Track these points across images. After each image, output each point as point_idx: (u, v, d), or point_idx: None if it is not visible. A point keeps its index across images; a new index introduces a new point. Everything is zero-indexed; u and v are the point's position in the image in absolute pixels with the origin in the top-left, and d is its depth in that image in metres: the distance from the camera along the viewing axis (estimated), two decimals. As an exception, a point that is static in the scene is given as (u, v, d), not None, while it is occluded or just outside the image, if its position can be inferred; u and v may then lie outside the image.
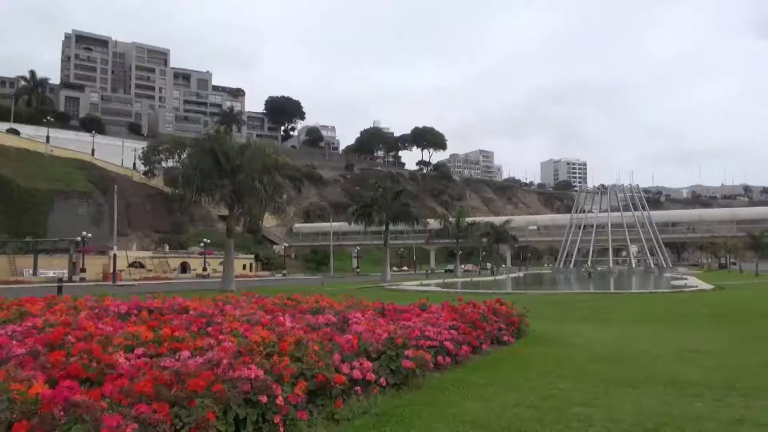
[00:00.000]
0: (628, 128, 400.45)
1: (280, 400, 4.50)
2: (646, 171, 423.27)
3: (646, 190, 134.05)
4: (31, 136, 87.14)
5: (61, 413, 3.43)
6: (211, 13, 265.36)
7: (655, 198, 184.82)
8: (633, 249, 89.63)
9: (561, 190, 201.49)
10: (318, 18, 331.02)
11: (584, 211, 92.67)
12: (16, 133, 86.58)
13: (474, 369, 7.38)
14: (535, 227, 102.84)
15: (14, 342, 5.56)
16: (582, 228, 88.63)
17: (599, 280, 48.68)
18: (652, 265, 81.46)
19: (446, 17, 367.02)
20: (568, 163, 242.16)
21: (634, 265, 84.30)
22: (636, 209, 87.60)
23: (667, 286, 33.86)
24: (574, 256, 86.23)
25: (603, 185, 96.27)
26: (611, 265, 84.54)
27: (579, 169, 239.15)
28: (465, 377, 6.80)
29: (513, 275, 62.55)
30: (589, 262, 78.33)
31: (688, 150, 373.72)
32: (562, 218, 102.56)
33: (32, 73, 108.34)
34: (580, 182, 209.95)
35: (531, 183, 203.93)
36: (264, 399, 4.40)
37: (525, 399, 5.77)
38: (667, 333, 11.65)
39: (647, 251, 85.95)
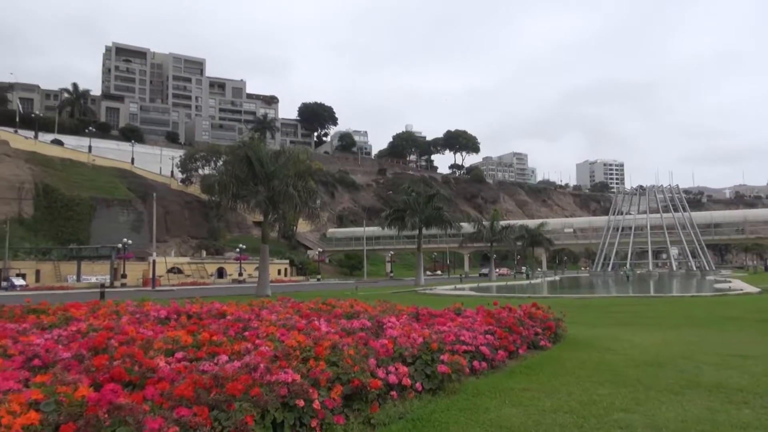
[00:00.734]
0: (665, 128, 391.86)
1: (316, 404, 4.53)
2: (686, 171, 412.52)
3: (686, 191, 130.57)
4: (74, 146, 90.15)
5: (106, 415, 3.51)
6: (244, 23, 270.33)
7: (696, 199, 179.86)
8: (673, 251, 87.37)
9: (597, 191, 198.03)
10: (349, 24, 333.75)
11: (622, 213, 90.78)
12: (60, 143, 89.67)
13: (510, 374, 7.29)
14: (571, 230, 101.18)
15: (60, 346, 5.73)
16: (620, 230, 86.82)
17: (638, 284, 47.58)
18: (694, 268, 79.23)
19: (477, 19, 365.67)
20: (604, 164, 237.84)
21: (674, 268, 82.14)
22: (676, 210, 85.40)
23: (710, 290, 32.82)
24: (612, 259, 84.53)
25: (641, 186, 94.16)
26: (651, 267, 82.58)
27: (616, 170, 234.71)
28: (501, 382, 6.72)
29: (549, 279, 61.65)
30: (627, 265, 76.61)
31: (731, 149, 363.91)
32: (599, 220, 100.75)
33: (75, 85, 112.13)
34: (617, 183, 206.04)
35: (566, 185, 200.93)
36: (301, 403, 4.43)
37: (563, 404, 5.67)
38: (711, 337, 11.29)
39: (688, 253, 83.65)
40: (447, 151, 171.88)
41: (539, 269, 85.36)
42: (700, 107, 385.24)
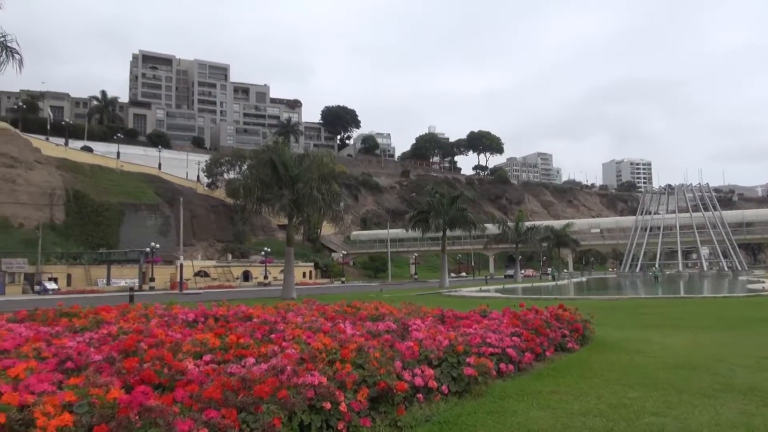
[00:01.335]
0: (693, 125, 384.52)
1: (343, 407, 4.54)
2: (716, 169, 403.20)
3: (716, 189, 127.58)
4: (103, 152, 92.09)
5: (137, 417, 3.57)
6: (267, 28, 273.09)
7: (727, 197, 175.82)
8: (704, 251, 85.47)
9: (624, 191, 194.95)
10: (370, 27, 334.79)
11: (650, 213, 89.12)
12: (90, 150, 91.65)
13: (538, 377, 7.22)
14: (598, 230, 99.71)
15: (92, 349, 5.84)
16: (648, 230, 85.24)
17: (668, 284, 46.70)
18: (726, 268, 77.36)
19: (499, 19, 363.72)
20: (631, 164, 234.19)
21: (705, 268, 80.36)
22: (706, 209, 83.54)
23: (742, 290, 32.03)
24: (640, 260, 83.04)
25: (669, 185, 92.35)
26: (681, 268, 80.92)
27: (643, 169, 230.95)
28: (529, 385, 6.65)
29: (575, 280, 60.86)
30: (656, 266, 75.22)
31: (763, 145, 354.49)
32: (627, 220, 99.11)
33: (103, 93, 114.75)
34: (644, 183, 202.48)
35: (592, 185, 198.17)
36: (328, 405, 4.44)
37: (593, 408, 5.58)
38: (744, 339, 11.02)
39: (719, 253, 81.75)
40: (470, 153, 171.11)
41: (565, 270, 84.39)
42: (731, 103, 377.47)
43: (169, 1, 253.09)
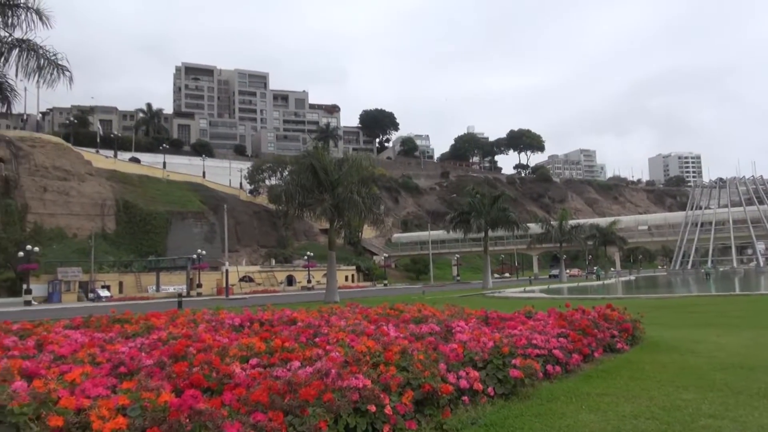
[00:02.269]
0: (744, 115, 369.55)
1: (388, 410, 4.53)
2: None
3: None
4: (150, 163, 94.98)
5: (187, 420, 3.66)
6: (304, 35, 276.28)
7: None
8: (760, 246, 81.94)
9: (673, 186, 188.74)
10: (406, 28, 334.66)
11: (701, 208, 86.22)
12: (137, 161, 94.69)
13: (586, 378, 7.05)
14: (646, 227, 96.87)
15: (143, 354, 6.03)
16: (699, 226, 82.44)
17: (721, 281, 45.00)
18: (783, 264, 74.12)
19: (536, 15, 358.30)
20: (679, 158, 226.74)
21: (762, 264, 77.09)
22: (761, 203, 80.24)
23: (802, 286, 30.60)
24: (691, 257, 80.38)
25: (721, 179, 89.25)
26: (735, 264, 77.90)
27: (692, 162, 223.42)
28: (577, 387, 6.50)
29: (623, 279, 59.32)
30: (709, 263, 72.62)
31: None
32: (676, 216, 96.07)
33: (149, 105, 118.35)
34: (694, 177, 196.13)
35: (639, 180, 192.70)
36: (373, 408, 4.45)
37: (645, 410, 5.41)
38: (806, 338, 10.51)
39: (776, 248, 78.38)
40: (511, 151, 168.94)
41: (612, 269, 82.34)
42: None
43: (209, 13, 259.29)
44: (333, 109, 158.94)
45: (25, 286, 44.83)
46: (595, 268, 76.70)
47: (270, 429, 3.79)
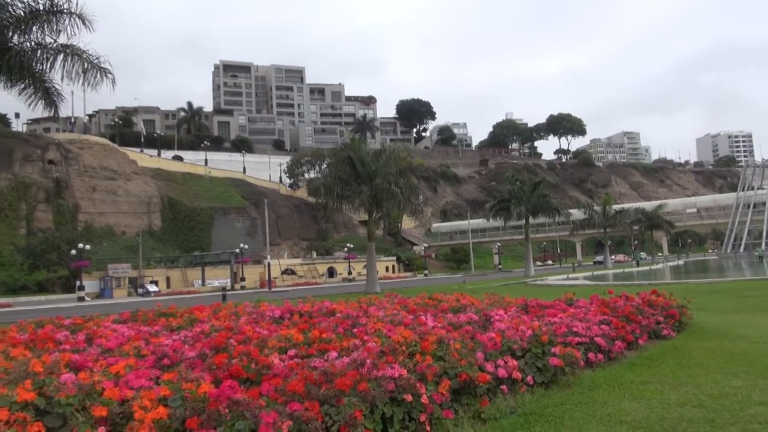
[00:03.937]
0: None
1: (424, 399, 4.53)
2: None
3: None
4: (192, 160, 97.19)
5: (226, 410, 3.74)
6: (339, 28, 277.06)
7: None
8: (817, 227, 78.29)
9: (723, 166, 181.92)
10: (440, 16, 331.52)
11: (753, 188, 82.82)
12: (180, 159, 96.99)
13: (630, 366, 6.88)
14: (694, 210, 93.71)
15: (186, 346, 6.19)
16: (752, 207, 79.23)
17: (776, 265, 43.19)
18: (844, 244, 70.57)
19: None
20: (729, 137, 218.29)
21: (819, 245, 73.63)
22: (818, 181, 76.57)
23: None
24: (743, 239, 77.34)
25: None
26: (790, 246, 74.58)
27: (743, 141, 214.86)
28: (620, 375, 6.36)
29: (671, 263, 57.66)
30: (762, 245, 69.82)
31: None
32: (726, 198, 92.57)
33: (189, 104, 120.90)
34: (745, 156, 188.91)
35: (686, 162, 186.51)
36: (409, 398, 4.45)
37: (691, 398, 5.25)
38: None
39: (836, 228, 74.65)
40: (551, 137, 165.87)
41: (659, 254, 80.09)
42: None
43: (245, 10, 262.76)
44: (369, 101, 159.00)
45: (78, 283, 46.60)
46: (641, 253, 74.77)
47: (306, 418, 3.84)
